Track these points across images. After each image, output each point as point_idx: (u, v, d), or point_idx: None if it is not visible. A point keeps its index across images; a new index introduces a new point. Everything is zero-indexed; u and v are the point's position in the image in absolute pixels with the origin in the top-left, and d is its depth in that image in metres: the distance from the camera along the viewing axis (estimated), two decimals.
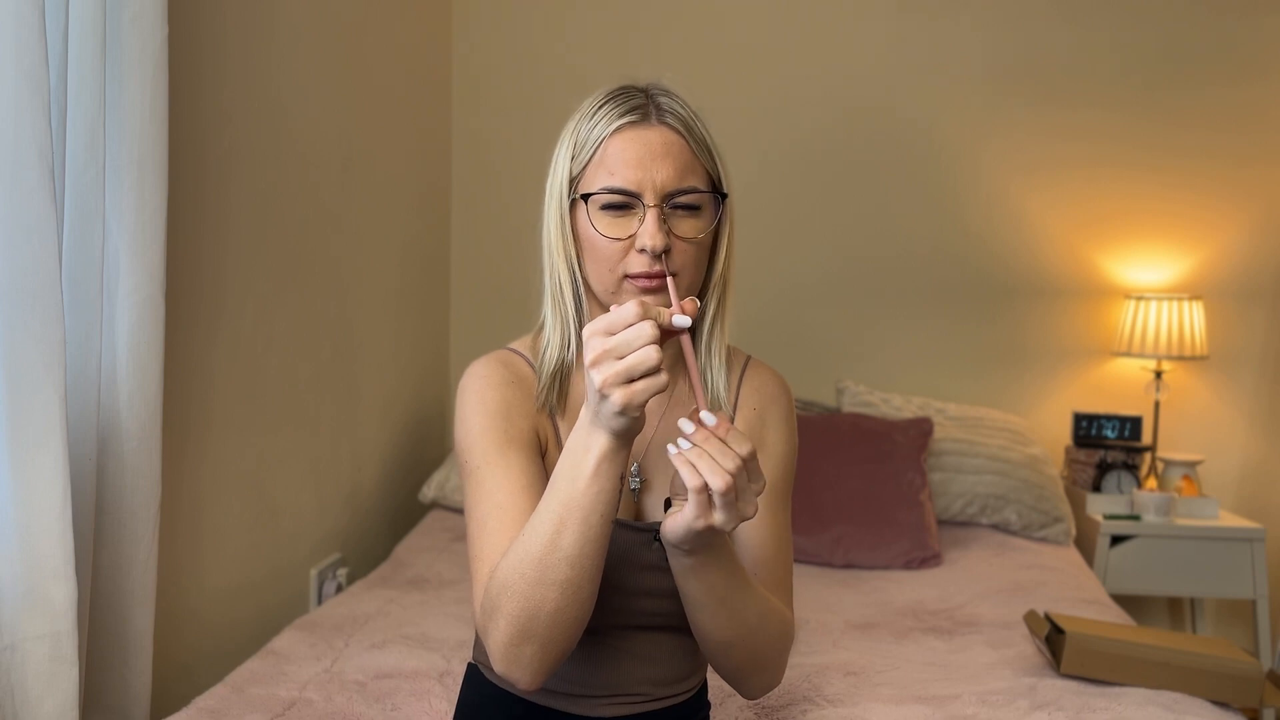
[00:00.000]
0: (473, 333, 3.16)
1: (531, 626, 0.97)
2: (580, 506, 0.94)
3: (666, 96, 1.10)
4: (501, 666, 1.00)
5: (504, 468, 1.07)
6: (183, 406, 1.73)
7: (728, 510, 0.92)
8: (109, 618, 1.45)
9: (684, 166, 1.06)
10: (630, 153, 1.05)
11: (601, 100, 1.09)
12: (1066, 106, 2.99)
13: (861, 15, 3.03)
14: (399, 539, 2.65)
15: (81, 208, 1.35)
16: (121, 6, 1.36)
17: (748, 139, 2.98)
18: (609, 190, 1.05)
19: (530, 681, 1.01)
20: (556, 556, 0.95)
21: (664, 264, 1.04)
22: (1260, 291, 2.99)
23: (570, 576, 0.96)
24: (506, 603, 0.97)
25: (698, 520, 0.92)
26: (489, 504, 1.06)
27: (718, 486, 0.90)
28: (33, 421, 1.22)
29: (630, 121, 1.07)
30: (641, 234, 1.04)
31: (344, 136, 2.36)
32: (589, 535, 0.95)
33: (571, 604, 0.97)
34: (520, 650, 0.98)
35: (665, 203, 1.05)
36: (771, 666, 1.14)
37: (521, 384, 1.13)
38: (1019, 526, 2.61)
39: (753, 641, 1.08)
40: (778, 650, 1.13)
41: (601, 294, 1.09)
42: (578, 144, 1.09)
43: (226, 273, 1.88)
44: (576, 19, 3.09)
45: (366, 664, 1.68)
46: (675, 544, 0.97)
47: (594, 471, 0.94)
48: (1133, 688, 1.60)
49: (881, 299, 3.06)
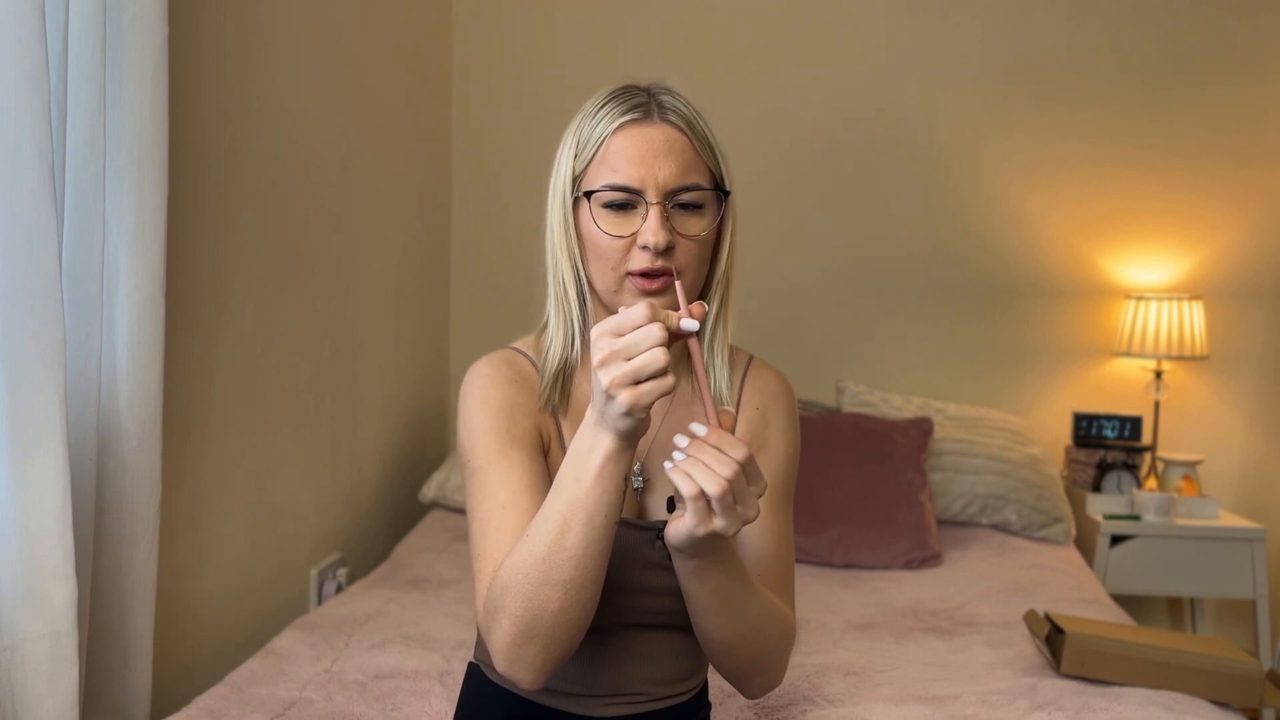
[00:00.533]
0: (473, 333, 3.16)
1: (535, 626, 0.97)
2: (585, 507, 0.94)
3: (669, 95, 1.10)
4: (504, 666, 1.00)
5: (506, 467, 1.07)
6: (183, 406, 1.73)
7: (728, 515, 0.92)
8: (109, 618, 1.45)
9: (686, 164, 1.07)
10: (632, 150, 1.06)
11: (604, 99, 1.10)
12: (1066, 106, 2.99)
13: (862, 16, 3.03)
14: (399, 539, 2.65)
15: (81, 208, 1.35)
16: (121, 6, 1.36)
17: (747, 139, 2.98)
18: (611, 187, 1.05)
19: (533, 681, 1.01)
20: (561, 557, 0.95)
21: (668, 261, 1.04)
22: (1260, 291, 2.99)
23: (574, 577, 0.96)
24: (510, 603, 0.97)
25: (699, 527, 0.93)
26: (492, 504, 1.06)
27: (714, 492, 0.90)
28: (33, 421, 1.22)
29: (633, 119, 1.07)
30: (644, 231, 1.04)
31: (344, 136, 2.36)
32: (593, 535, 0.95)
33: (575, 604, 0.97)
34: (523, 650, 0.99)
35: (668, 200, 1.05)
36: (773, 667, 1.14)
37: (524, 383, 1.13)
38: (1019, 526, 2.61)
39: (755, 642, 1.08)
40: (779, 651, 1.13)
41: (604, 292, 1.09)
42: (580, 142, 1.09)
43: (226, 273, 1.88)
44: (576, 19, 3.09)
45: (366, 664, 1.68)
46: (678, 548, 0.98)
47: (599, 472, 0.94)
48: (1133, 688, 1.60)
49: (881, 299, 3.07)
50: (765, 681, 1.16)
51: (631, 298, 1.06)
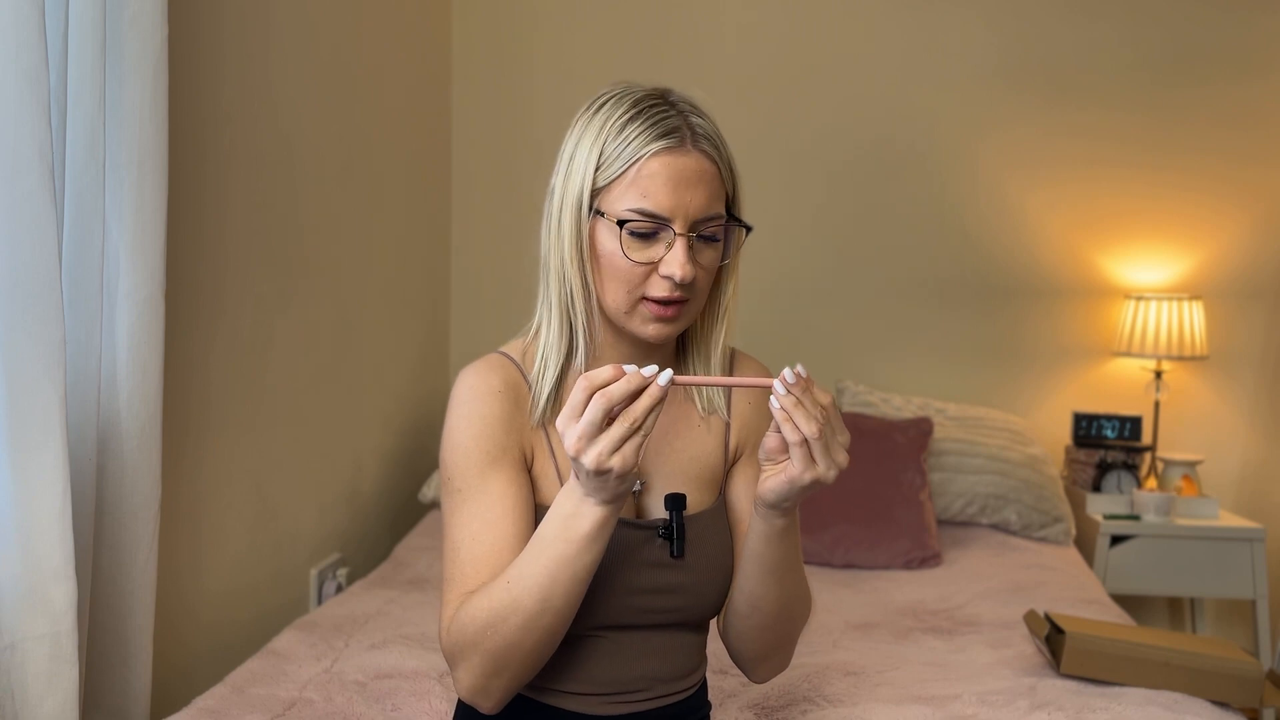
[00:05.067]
0: (473, 333, 3.16)
1: (505, 665, 1.02)
2: (572, 565, 0.98)
3: (698, 117, 1.08)
4: (467, 696, 1.05)
5: (483, 492, 1.08)
6: (183, 406, 1.73)
7: (824, 458, 0.96)
8: (109, 618, 1.45)
9: (713, 194, 1.06)
10: (666, 178, 1.04)
11: (630, 111, 1.06)
12: (1067, 106, 2.99)
13: (861, 15, 3.03)
14: (399, 539, 2.64)
15: (81, 208, 1.35)
16: (121, 6, 1.36)
17: (747, 139, 2.97)
18: (642, 213, 1.04)
19: (492, 708, 1.06)
20: (545, 607, 0.99)
21: (686, 292, 1.06)
22: (1260, 291, 2.99)
23: (554, 624, 1.00)
24: (485, 641, 1.01)
25: (804, 473, 0.96)
26: (465, 531, 1.08)
27: (812, 433, 0.94)
28: (33, 421, 1.22)
29: (668, 146, 1.05)
30: (669, 261, 1.04)
31: (344, 136, 2.36)
32: (576, 590, 1.00)
33: (549, 644, 1.03)
34: (490, 683, 1.03)
35: (693, 232, 1.05)
36: (792, 642, 1.20)
37: (511, 394, 1.12)
38: (1019, 526, 2.61)
39: (795, 611, 1.14)
40: (799, 629, 1.18)
41: (614, 313, 1.08)
42: (604, 156, 1.05)
43: (226, 273, 1.88)
44: (576, 20, 3.09)
45: (366, 664, 1.68)
46: (774, 504, 1.01)
47: (586, 537, 0.97)
48: (1133, 688, 1.60)
49: (882, 299, 3.06)
50: (780, 662, 1.20)
51: (641, 322, 1.07)
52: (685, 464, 1.16)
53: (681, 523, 1.11)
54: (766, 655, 1.18)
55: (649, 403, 0.93)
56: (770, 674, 1.21)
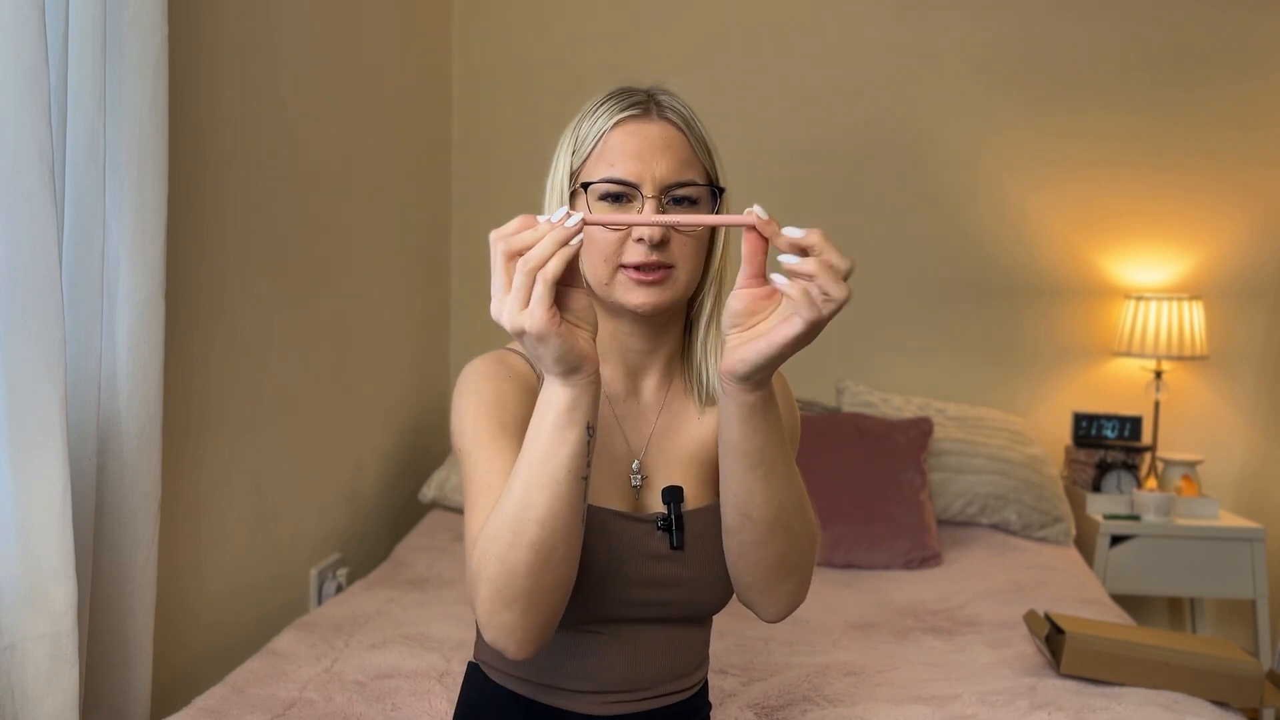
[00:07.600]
0: (473, 333, 3.16)
1: (509, 591, 0.97)
2: (547, 462, 0.95)
3: (667, 95, 1.13)
4: (488, 635, 1.01)
5: (494, 450, 1.07)
6: (183, 406, 1.73)
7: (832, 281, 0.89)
8: (109, 618, 1.45)
9: (683, 161, 1.09)
10: (630, 145, 1.08)
11: (603, 99, 1.12)
12: (1067, 106, 2.99)
13: (861, 15, 3.03)
14: (399, 539, 2.64)
15: (81, 208, 1.35)
16: (121, 6, 1.36)
17: (747, 139, 2.97)
18: (608, 180, 1.07)
19: (516, 650, 1.00)
20: (527, 516, 0.95)
21: (662, 256, 1.06)
22: (1260, 291, 2.99)
23: (542, 537, 0.95)
24: (486, 567, 0.98)
25: (798, 316, 0.89)
26: (479, 485, 1.06)
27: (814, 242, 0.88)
28: (33, 421, 1.22)
29: (631, 115, 1.09)
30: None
31: (344, 136, 2.36)
32: (558, 493, 0.95)
33: (546, 566, 0.96)
34: (501, 616, 0.98)
35: (663, 196, 1.07)
36: (800, 572, 1.11)
37: (517, 379, 1.13)
38: (1019, 526, 2.61)
39: (795, 525, 1.06)
40: (809, 555, 1.11)
41: (596, 285, 1.10)
42: (579, 139, 1.11)
43: (226, 273, 1.88)
44: (576, 20, 3.09)
45: (366, 664, 1.68)
46: (748, 374, 0.95)
47: (555, 422, 0.94)
48: (1133, 688, 1.60)
49: (882, 299, 3.06)
50: (791, 591, 1.12)
51: (624, 291, 1.08)
52: (684, 458, 1.16)
53: (680, 514, 1.11)
54: (768, 581, 1.09)
55: (549, 245, 0.89)
56: (779, 608, 1.12)
